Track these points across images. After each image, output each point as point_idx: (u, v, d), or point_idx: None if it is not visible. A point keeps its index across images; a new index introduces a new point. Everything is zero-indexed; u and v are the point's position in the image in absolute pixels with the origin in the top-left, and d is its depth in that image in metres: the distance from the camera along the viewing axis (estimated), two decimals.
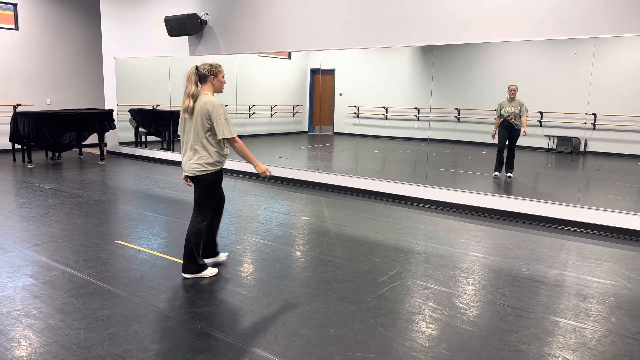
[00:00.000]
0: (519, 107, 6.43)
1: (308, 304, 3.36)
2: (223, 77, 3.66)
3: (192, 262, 3.75)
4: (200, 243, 3.77)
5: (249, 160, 3.63)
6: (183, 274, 3.78)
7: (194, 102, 3.52)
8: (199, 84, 3.59)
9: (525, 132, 6.49)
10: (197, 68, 3.55)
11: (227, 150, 3.71)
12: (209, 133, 3.55)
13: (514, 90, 6.43)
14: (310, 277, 3.86)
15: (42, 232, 4.90)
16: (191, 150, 3.61)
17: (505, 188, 6.63)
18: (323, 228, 5.29)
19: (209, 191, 3.69)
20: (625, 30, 4.99)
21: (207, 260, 3.99)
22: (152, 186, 7.39)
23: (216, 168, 3.63)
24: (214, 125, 3.51)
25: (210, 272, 3.85)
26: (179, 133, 3.73)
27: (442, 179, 6.96)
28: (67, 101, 11.62)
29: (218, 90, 3.67)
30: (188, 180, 3.78)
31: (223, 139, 3.55)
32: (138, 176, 8.30)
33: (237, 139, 3.57)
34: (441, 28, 6.15)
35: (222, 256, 4.15)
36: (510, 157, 6.68)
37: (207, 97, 3.55)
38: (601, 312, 3.34)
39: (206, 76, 3.58)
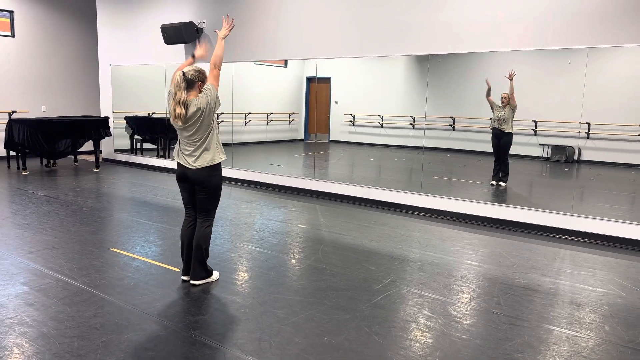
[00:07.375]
0: (508, 112, 6.48)
1: (303, 312, 3.35)
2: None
3: (203, 268, 3.77)
4: (209, 247, 3.80)
5: (221, 47, 3.82)
6: (193, 282, 3.75)
7: (186, 109, 3.50)
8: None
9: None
10: (184, 74, 3.50)
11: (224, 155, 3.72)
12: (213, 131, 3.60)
13: (506, 99, 6.49)
14: (305, 285, 3.86)
15: (36, 239, 4.88)
16: (197, 150, 3.56)
17: (500, 196, 6.66)
18: (318, 236, 5.29)
19: (219, 194, 3.72)
20: (617, 41, 5.05)
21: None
22: (147, 194, 7.38)
23: (220, 169, 3.68)
24: (215, 95, 3.56)
25: (216, 275, 3.91)
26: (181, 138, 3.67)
27: (437, 187, 6.98)
28: (63, 108, 11.61)
29: None
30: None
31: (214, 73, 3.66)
32: (133, 184, 8.28)
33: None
34: (437, 37, 6.20)
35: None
36: (503, 165, 6.69)
37: (198, 98, 3.54)
38: (595, 321, 3.35)
39: (194, 82, 3.53)
